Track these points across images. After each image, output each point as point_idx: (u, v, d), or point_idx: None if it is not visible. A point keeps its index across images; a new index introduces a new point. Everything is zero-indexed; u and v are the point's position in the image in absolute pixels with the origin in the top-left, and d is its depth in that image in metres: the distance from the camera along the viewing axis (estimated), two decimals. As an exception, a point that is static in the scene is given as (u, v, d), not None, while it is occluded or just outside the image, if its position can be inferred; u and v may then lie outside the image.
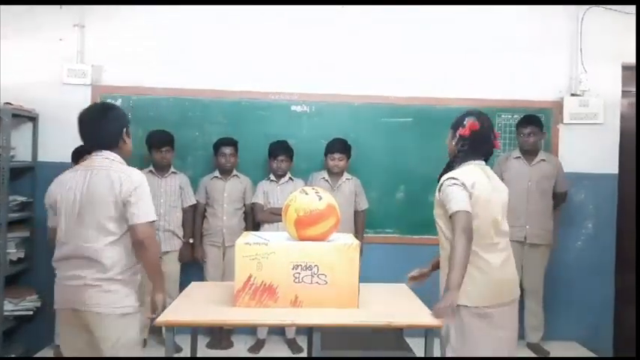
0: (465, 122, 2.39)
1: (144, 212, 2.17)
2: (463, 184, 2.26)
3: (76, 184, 2.21)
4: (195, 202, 3.89)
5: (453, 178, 2.29)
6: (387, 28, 4.10)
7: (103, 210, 2.16)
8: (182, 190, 3.84)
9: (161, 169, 3.78)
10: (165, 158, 3.77)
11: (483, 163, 2.42)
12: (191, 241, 3.90)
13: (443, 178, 2.35)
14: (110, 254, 2.16)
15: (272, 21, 4.06)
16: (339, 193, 3.77)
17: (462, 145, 2.39)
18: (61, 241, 2.23)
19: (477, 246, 2.25)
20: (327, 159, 3.86)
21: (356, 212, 3.93)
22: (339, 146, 3.84)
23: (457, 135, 2.41)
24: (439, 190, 2.34)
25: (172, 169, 3.84)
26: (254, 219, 3.91)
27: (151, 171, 3.74)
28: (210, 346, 3.84)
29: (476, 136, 2.37)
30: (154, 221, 2.22)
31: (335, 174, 3.87)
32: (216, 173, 3.91)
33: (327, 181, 3.86)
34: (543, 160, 3.88)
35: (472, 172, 2.34)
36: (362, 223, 3.95)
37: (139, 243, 2.17)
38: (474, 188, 2.27)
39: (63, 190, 2.23)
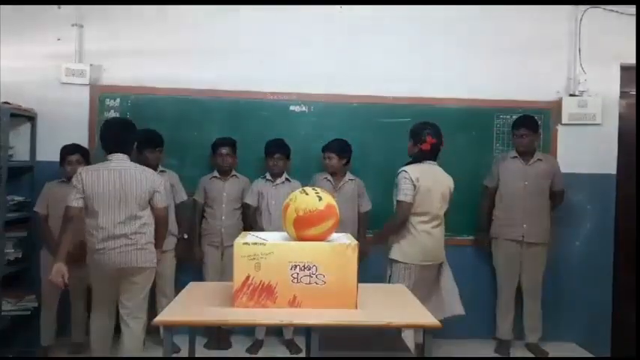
0: (425, 138, 3.16)
1: (165, 198, 3.15)
2: (410, 178, 3.09)
3: (110, 180, 2.96)
4: (186, 197, 3.87)
5: (405, 172, 3.13)
6: (387, 28, 4.10)
7: (143, 197, 3.02)
8: (173, 188, 3.81)
9: (152, 169, 3.73)
10: (159, 158, 3.76)
11: (434, 162, 3.22)
12: (185, 236, 3.88)
13: (400, 169, 3.16)
14: (151, 227, 3.07)
15: (272, 21, 4.06)
16: (341, 193, 3.76)
17: (421, 153, 3.19)
18: (103, 221, 2.93)
19: (412, 216, 3.15)
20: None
21: (358, 214, 3.91)
22: (331, 145, 3.82)
23: (419, 147, 3.18)
24: (396, 176, 3.17)
25: (161, 168, 3.80)
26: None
27: None
28: (208, 346, 3.84)
29: (433, 147, 3.19)
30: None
31: (337, 174, 3.86)
32: (215, 173, 3.91)
33: (329, 181, 3.84)
34: (540, 159, 3.87)
35: (420, 168, 3.16)
36: (364, 225, 3.92)
37: (161, 218, 3.13)
38: (418, 182, 3.10)
39: (101, 184, 2.94)
